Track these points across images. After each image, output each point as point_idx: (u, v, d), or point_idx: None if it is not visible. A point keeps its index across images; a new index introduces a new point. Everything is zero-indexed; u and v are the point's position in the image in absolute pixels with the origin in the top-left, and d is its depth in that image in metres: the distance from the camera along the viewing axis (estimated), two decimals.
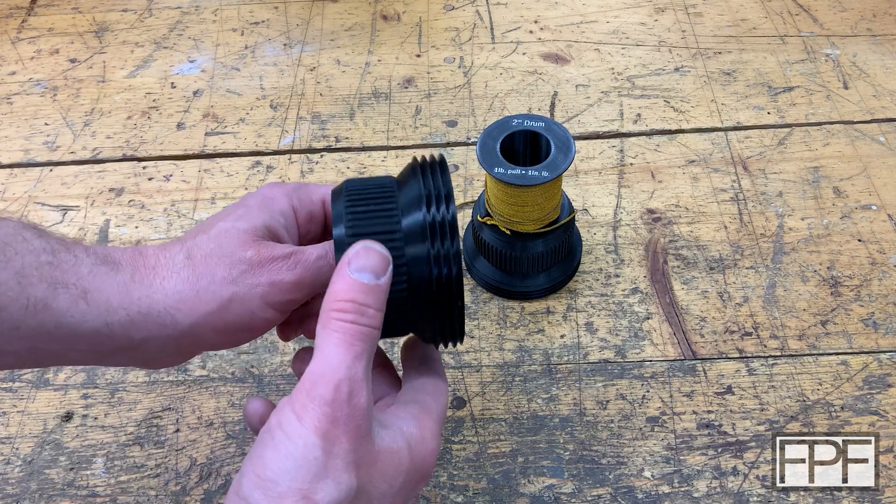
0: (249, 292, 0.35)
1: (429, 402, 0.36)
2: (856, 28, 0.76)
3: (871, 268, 0.57)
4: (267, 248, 0.36)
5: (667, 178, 0.64)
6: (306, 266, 0.36)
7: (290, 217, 0.39)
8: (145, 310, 0.34)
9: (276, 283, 0.36)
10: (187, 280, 0.35)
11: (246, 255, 0.35)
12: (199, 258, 0.35)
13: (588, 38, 0.77)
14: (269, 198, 0.39)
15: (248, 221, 0.37)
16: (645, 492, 0.47)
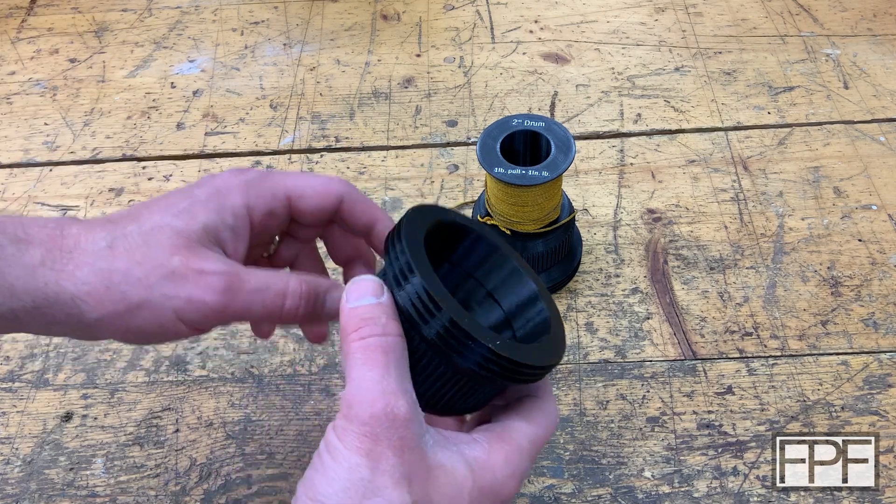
0: (162, 303, 0.32)
1: (514, 428, 0.33)
2: (856, 28, 0.76)
3: (871, 268, 0.57)
4: (197, 259, 0.33)
5: (667, 177, 0.64)
6: (235, 292, 0.33)
7: (242, 217, 0.35)
8: (52, 297, 0.32)
9: (195, 301, 0.32)
10: (100, 272, 0.32)
11: (171, 261, 0.32)
12: (121, 251, 0.32)
13: (588, 38, 0.77)
14: (221, 191, 0.35)
15: (186, 220, 0.33)
16: (645, 492, 0.47)
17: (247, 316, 0.34)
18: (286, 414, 0.52)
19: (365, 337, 0.30)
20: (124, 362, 0.55)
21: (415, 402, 0.30)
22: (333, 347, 0.55)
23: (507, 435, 0.32)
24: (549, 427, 0.34)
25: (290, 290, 0.34)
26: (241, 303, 0.33)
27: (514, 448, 0.32)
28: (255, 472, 0.49)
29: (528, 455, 0.32)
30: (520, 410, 0.34)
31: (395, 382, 0.30)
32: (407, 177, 0.65)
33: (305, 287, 0.34)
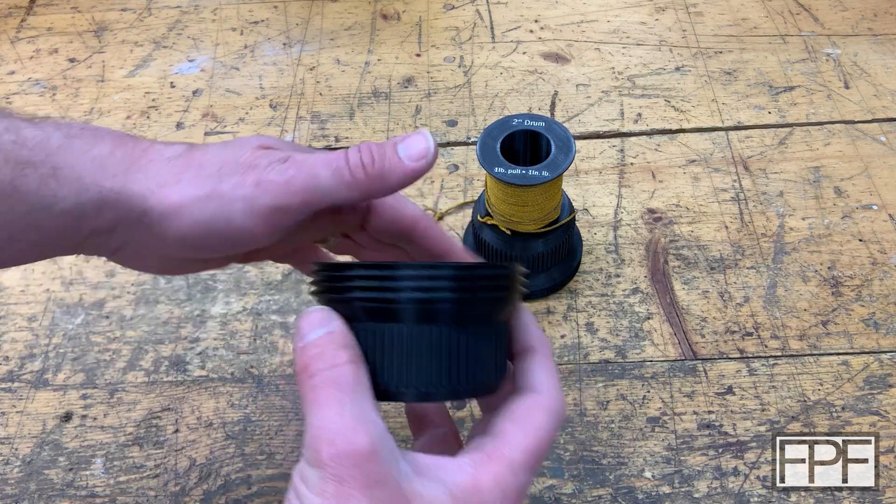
0: (232, 192, 0.31)
1: (505, 441, 0.30)
2: (857, 28, 0.76)
3: (871, 268, 0.57)
4: (264, 152, 0.32)
5: (667, 177, 0.64)
6: (299, 167, 0.31)
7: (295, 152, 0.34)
8: (118, 188, 0.30)
9: (263, 183, 0.31)
10: (174, 168, 0.31)
11: (240, 158, 0.32)
12: (198, 155, 0.32)
13: (588, 38, 0.76)
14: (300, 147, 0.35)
15: (268, 139, 0.33)
16: (645, 492, 0.47)
17: (317, 188, 0.31)
18: (286, 414, 0.52)
19: (313, 375, 0.29)
20: (124, 362, 0.55)
21: (380, 430, 0.28)
22: None
23: (496, 452, 0.29)
24: (550, 427, 0.30)
25: (351, 149, 0.33)
26: (306, 173, 0.31)
27: (504, 466, 0.29)
28: (255, 473, 0.49)
29: (525, 468, 0.29)
30: (513, 414, 0.31)
31: (350, 416, 0.27)
32: None
33: (367, 143, 0.33)
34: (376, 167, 0.32)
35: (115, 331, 0.56)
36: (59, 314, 0.58)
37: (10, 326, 0.57)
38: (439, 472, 0.29)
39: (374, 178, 0.32)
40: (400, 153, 0.33)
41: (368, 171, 0.32)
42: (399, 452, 0.28)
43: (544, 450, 0.30)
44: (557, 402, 0.31)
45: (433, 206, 0.63)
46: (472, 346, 0.31)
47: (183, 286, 0.59)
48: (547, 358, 0.33)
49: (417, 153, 0.33)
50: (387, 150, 0.33)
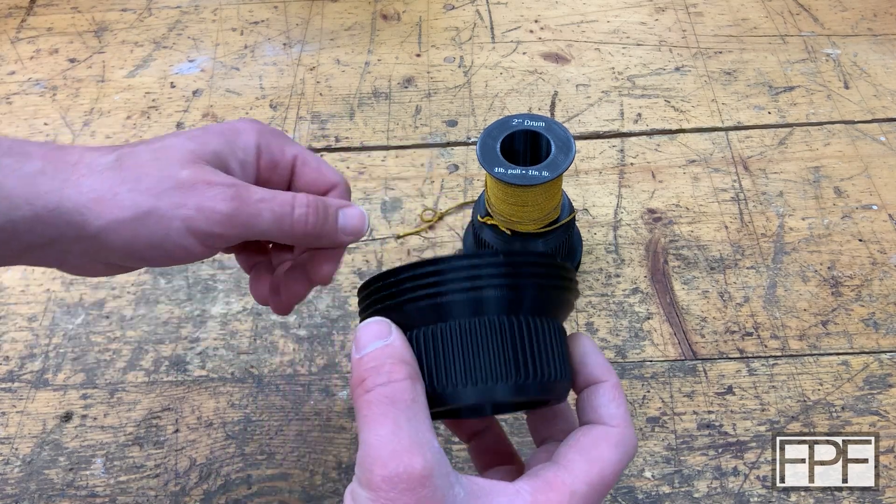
0: (171, 211, 0.31)
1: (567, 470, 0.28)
2: (856, 28, 0.76)
3: (871, 268, 0.57)
4: (206, 172, 0.32)
5: (667, 177, 0.64)
6: (244, 202, 0.32)
7: (251, 154, 0.35)
8: (53, 205, 0.30)
9: (205, 209, 0.32)
10: (107, 181, 0.31)
11: (181, 173, 0.32)
12: (129, 164, 0.32)
13: (588, 38, 0.77)
14: (236, 129, 0.35)
15: (198, 143, 0.33)
16: (645, 492, 0.47)
17: (257, 225, 0.33)
18: (286, 414, 0.52)
19: (370, 389, 0.28)
20: (124, 362, 0.55)
21: (435, 452, 0.27)
22: (333, 347, 0.55)
23: (557, 480, 0.28)
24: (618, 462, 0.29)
25: (298, 199, 0.34)
26: (249, 210, 0.32)
27: (565, 495, 0.28)
28: (255, 473, 0.49)
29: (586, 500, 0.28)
30: (580, 443, 0.29)
31: (406, 437, 0.27)
32: (407, 177, 0.65)
33: (314, 199, 0.34)
34: (315, 228, 0.34)
35: (116, 331, 0.56)
36: (59, 314, 0.58)
37: (10, 326, 0.57)
38: (495, 498, 0.28)
39: (309, 235, 0.34)
40: (339, 222, 0.35)
41: (307, 228, 0.34)
42: (454, 476, 0.27)
43: (609, 484, 0.29)
44: (628, 437, 0.30)
45: (433, 206, 0.63)
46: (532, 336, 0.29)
47: (183, 286, 0.59)
48: (617, 388, 0.31)
49: (352, 228, 0.35)
50: (329, 216, 0.35)
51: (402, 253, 0.60)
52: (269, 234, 0.33)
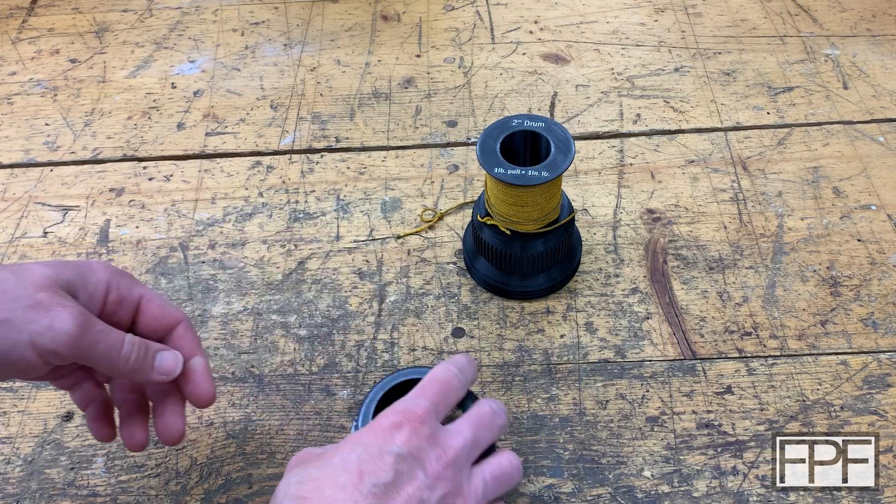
0: (22, 325, 0.36)
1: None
2: (855, 28, 0.76)
3: (870, 268, 0.57)
4: (60, 297, 0.37)
5: (666, 178, 0.64)
6: (88, 329, 0.37)
7: (100, 290, 0.41)
8: None
9: (53, 328, 0.36)
10: None
11: (37, 294, 0.36)
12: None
13: (588, 39, 0.77)
14: (90, 266, 0.41)
15: (55, 271, 0.38)
16: (645, 491, 0.47)
17: (92, 352, 0.38)
18: (286, 413, 0.52)
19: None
20: None
21: None
22: (333, 347, 0.55)
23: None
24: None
25: (128, 338, 0.40)
26: (90, 338, 0.37)
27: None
28: (256, 472, 0.49)
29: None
30: None
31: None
32: (407, 177, 0.65)
33: (140, 342, 0.40)
34: (135, 364, 0.40)
35: None
36: None
37: None
38: None
39: (129, 370, 0.40)
40: (155, 363, 0.41)
41: (129, 364, 0.39)
42: None
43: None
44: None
45: (433, 206, 0.63)
46: None
47: (184, 286, 0.59)
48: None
49: (165, 370, 0.41)
50: (147, 357, 0.41)
51: (403, 253, 0.60)
52: (99, 362, 0.39)
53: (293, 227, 0.62)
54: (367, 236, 0.61)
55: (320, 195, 0.65)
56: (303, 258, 0.60)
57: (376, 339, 0.55)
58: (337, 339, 0.55)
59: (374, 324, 0.56)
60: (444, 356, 0.54)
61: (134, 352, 0.40)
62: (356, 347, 0.55)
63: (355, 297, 0.58)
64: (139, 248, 0.62)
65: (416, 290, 0.58)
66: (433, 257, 0.60)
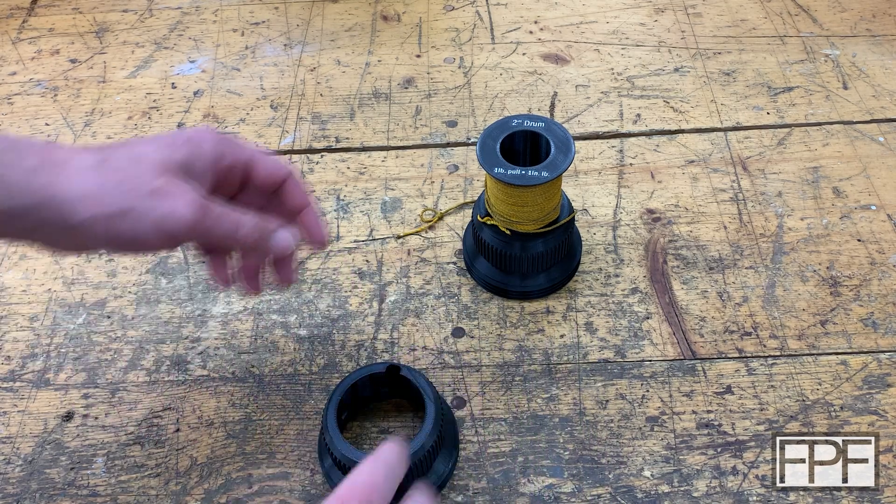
0: (145, 213, 0.37)
1: None
2: (855, 28, 0.76)
3: (870, 268, 0.57)
4: (177, 183, 0.38)
5: (666, 178, 0.64)
6: (206, 214, 0.39)
7: (211, 163, 0.41)
8: (46, 199, 0.36)
9: (175, 214, 0.38)
10: (93, 181, 0.37)
11: (155, 181, 0.38)
12: (111, 168, 0.37)
13: (588, 39, 0.77)
14: (196, 140, 0.41)
15: (168, 154, 0.39)
16: (644, 491, 0.47)
17: (210, 235, 0.40)
18: (286, 413, 0.52)
19: None
20: (125, 362, 0.55)
21: None
22: (334, 347, 0.55)
23: None
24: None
25: (244, 221, 0.41)
26: (208, 222, 0.39)
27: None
28: (256, 472, 0.49)
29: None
30: None
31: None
32: (407, 177, 0.65)
33: (256, 222, 0.42)
34: (253, 245, 0.42)
35: (117, 330, 0.57)
36: (60, 314, 0.58)
37: (11, 326, 0.57)
38: None
39: (248, 249, 0.42)
40: (271, 242, 0.43)
41: (247, 244, 0.42)
42: None
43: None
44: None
45: (433, 206, 0.63)
46: None
47: (184, 286, 0.59)
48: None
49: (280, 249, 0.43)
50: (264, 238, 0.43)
51: (403, 253, 0.60)
52: (222, 240, 0.41)
53: None
54: (367, 236, 0.61)
55: (320, 195, 0.65)
56: (303, 258, 0.60)
57: (376, 339, 0.55)
58: (337, 339, 0.55)
59: (374, 324, 0.56)
60: (445, 356, 0.54)
61: (251, 234, 0.41)
62: (356, 347, 0.55)
63: (355, 297, 0.58)
64: None
65: (416, 290, 0.58)
66: (433, 257, 0.60)
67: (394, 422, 0.51)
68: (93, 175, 0.37)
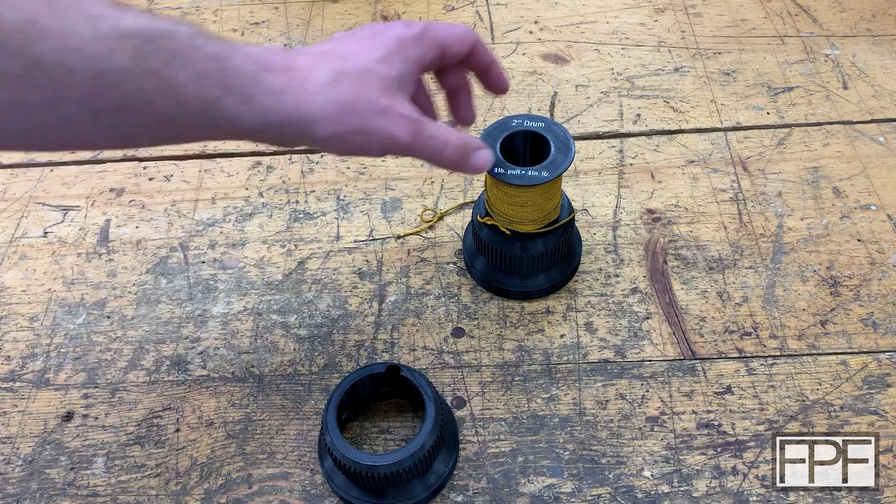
0: (373, 132, 0.42)
1: None
2: (855, 28, 0.76)
3: (870, 268, 0.57)
4: (398, 103, 0.43)
5: (666, 178, 0.64)
6: (419, 136, 0.43)
7: (416, 66, 0.45)
8: (294, 116, 0.40)
9: (395, 137, 0.43)
10: (332, 102, 0.41)
11: (380, 101, 0.42)
12: (344, 86, 0.41)
13: (588, 39, 0.77)
14: (403, 44, 0.44)
15: (386, 68, 0.43)
16: (644, 491, 0.47)
17: (418, 155, 0.44)
18: (286, 413, 0.52)
19: None
20: (125, 362, 0.55)
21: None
22: (334, 347, 0.55)
23: None
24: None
25: (450, 141, 0.45)
26: (420, 143, 0.44)
27: None
28: (256, 472, 0.49)
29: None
30: None
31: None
32: (407, 177, 0.65)
33: (460, 145, 0.45)
34: (455, 165, 0.46)
35: (117, 330, 0.57)
36: (60, 314, 0.58)
37: (11, 326, 0.57)
38: None
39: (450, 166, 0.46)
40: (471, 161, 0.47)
41: (450, 163, 0.46)
42: None
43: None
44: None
45: (433, 206, 0.63)
46: None
47: (184, 286, 0.59)
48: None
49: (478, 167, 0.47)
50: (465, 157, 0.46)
51: (403, 253, 0.60)
52: (431, 160, 0.45)
53: (293, 227, 0.62)
54: (367, 236, 0.61)
55: (320, 195, 0.65)
56: (303, 258, 0.60)
57: (376, 339, 0.55)
58: (337, 339, 0.55)
59: (374, 324, 0.56)
60: (445, 356, 0.54)
61: (454, 154, 0.45)
62: (356, 347, 0.55)
63: (355, 297, 0.58)
64: (139, 248, 0.62)
65: (416, 290, 0.58)
66: (433, 257, 0.60)
67: (394, 422, 0.51)
68: (332, 94, 0.41)
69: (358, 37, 0.44)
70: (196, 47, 0.37)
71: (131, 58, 0.35)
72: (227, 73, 0.38)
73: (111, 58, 0.34)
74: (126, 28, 0.35)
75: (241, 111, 0.39)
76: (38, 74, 0.33)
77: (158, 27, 0.36)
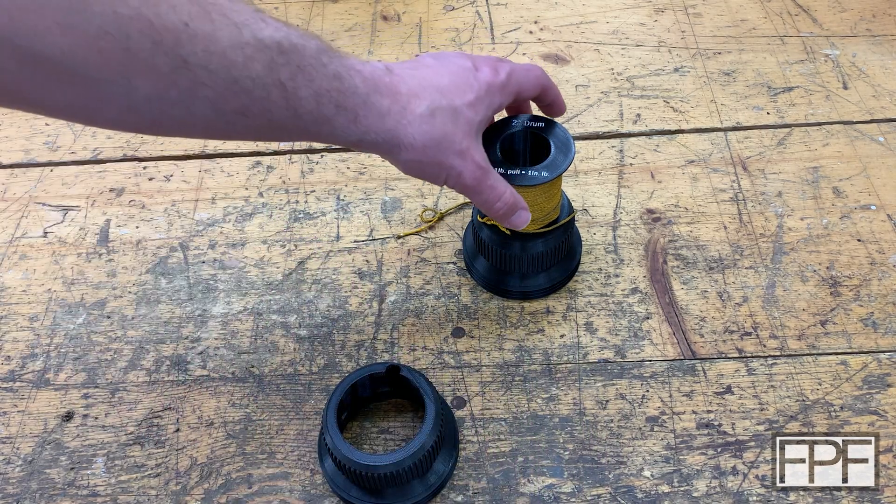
0: (446, 169, 0.46)
1: None
2: (855, 28, 0.76)
3: (870, 268, 0.57)
4: (474, 148, 0.46)
5: (666, 178, 0.64)
6: (481, 184, 0.47)
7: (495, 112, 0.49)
8: (389, 138, 0.44)
9: (463, 177, 0.46)
10: (424, 134, 0.44)
11: (463, 143, 0.45)
12: (438, 121, 0.44)
13: (588, 39, 0.77)
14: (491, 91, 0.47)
15: (473, 113, 0.46)
16: (644, 491, 0.47)
17: (473, 198, 0.48)
18: (286, 413, 0.52)
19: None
20: (125, 362, 0.55)
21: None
22: (334, 347, 0.55)
23: None
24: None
25: (504, 198, 0.48)
26: (478, 189, 0.47)
27: None
28: (256, 472, 0.49)
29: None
30: None
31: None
32: (407, 177, 0.65)
33: (512, 201, 0.49)
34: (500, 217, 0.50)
35: (117, 330, 0.57)
36: (60, 314, 0.58)
37: (11, 326, 0.57)
38: None
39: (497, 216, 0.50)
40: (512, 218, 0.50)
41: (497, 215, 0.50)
42: None
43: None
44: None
45: (433, 206, 0.63)
46: None
47: (184, 286, 0.59)
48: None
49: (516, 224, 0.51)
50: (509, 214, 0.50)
51: (403, 253, 0.60)
52: (478, 203, 0.49)
53: (293, 227, 0.62)
54: (367, 236, 0.61)
55: (320, 195, 0.65)
56: (303, 258, 0.60)
57: (376, 339, 0.55)
58: (337, 339, 0.55)
59: (374, 324, 0.56)
60: (445, 356, 0.54)
61: (502, 208, 0.49)
62: (356, 347, 0.55)
63: (355, 297, 0.58)
64: (139, 248, 0.62)
65: (416, 290, 0.58)
66: (433, 257, 0.60)
67: (394, 422, 0.51)
68: (426, 127, 0.44)
69: (450, 70, 0.47)
70: (322, 65, 0.40)
71: (265, 68, 0.37)
72: (343, 93, 0.41)
73: (248, 66, 0.37)
74: (265, 38, 0.37)
75: (348, 128, 0.42)
76: (182, 73, 0.35)
77: (291, 40, 0.38)
